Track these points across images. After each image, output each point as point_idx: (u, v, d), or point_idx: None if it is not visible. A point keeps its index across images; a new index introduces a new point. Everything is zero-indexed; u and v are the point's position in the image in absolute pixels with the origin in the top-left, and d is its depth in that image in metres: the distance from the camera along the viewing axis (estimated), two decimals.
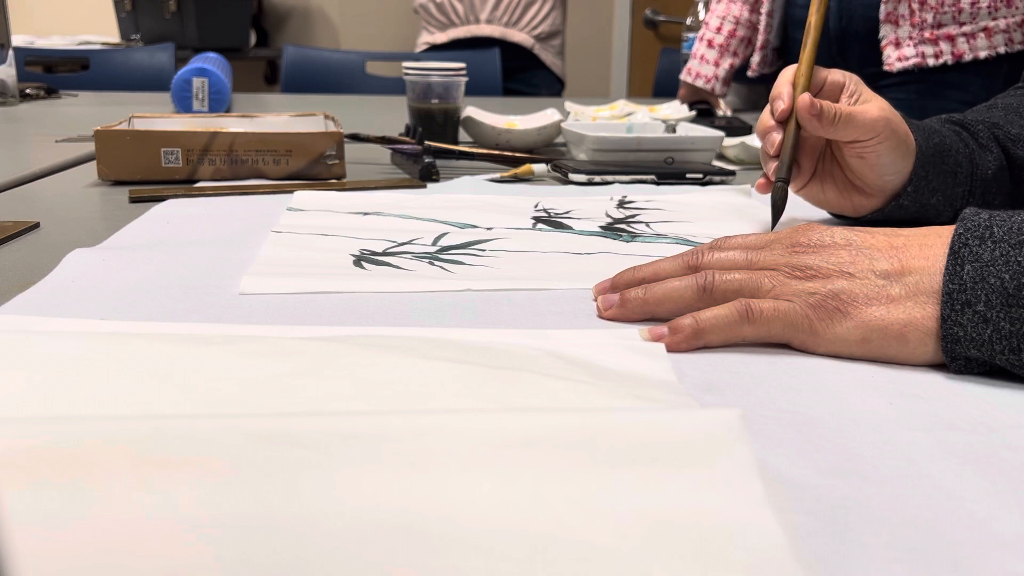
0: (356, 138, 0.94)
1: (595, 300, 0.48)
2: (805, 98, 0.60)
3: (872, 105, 0.61)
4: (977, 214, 0.40)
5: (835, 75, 0.64)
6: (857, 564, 0.25)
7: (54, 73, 2.51)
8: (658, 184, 0.86)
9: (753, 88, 1.83)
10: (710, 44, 1.49)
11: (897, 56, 1.24)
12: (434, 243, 0.61)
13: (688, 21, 1.63)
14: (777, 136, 0.62)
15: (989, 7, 1.18)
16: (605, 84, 3.59)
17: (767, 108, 0.64)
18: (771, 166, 0.63)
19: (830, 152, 0.65)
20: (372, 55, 2.32)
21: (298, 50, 2.25)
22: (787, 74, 0.64)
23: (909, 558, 0.25)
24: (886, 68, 1.25)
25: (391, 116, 1.38)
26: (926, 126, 0.65)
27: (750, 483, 0.27)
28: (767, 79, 1.54)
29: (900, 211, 0.64)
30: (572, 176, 0.85)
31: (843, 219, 0.68)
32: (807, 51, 0.64)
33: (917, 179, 0.62)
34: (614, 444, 0.28)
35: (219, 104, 1.30)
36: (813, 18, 0.67)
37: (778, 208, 0.63)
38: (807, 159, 0.65)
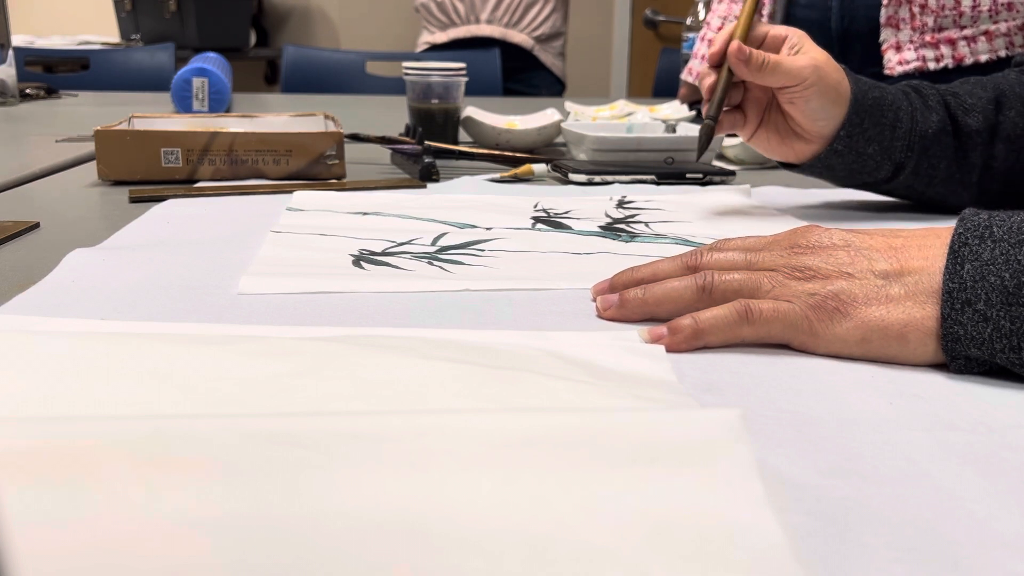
0: (356, 138, 0.94)
1: (594, 300, 0.48)
2: (735, 44, 0.66)
3: (804, 55, 0.66)
4: (976, 214, 0.40)
5: (778, 29, 0.69)
6: (857, 564, 0.25)
7: (54, 73, 2.51)
8: (658, 184, 0.86)
9: None
10: (711, 44, 1.49)
11: (898, 60, 1.24)
12: (433, 243, 0.61)
13: (688, 21, 1.63)
14: (710, 80, 0.68)
15: (990, 11, 1.18)
16: (605, 84, 3.59)
17: None
18: (705, 108, 0.69)
19: (775, 103, 0.70)
20: (372, 55, 2.32)
21: (298, 50, 2.25)
22: (728, 27, 0.69)
23: (909, 558, 0.25)
24: (887, 72, 1.25)
25: (391, 116, 1.38)
26: (868, 81, 0.69)
27: (750, 483, 0.27)
28: None
29: (837, 157, 0.69)
30: (572, 176, 0.85)
31: (789, 167, 0.73)
32: (746, 6, 0.70)
33: (851, 125, 0.67)
34: (614, 444, 0.28)
35: (219, 104, 1.30)
36: None
37: (703, 143, 0.69)
38: (753, 110, 0.70)
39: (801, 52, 0.67)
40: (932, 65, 1.22)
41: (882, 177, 0.70)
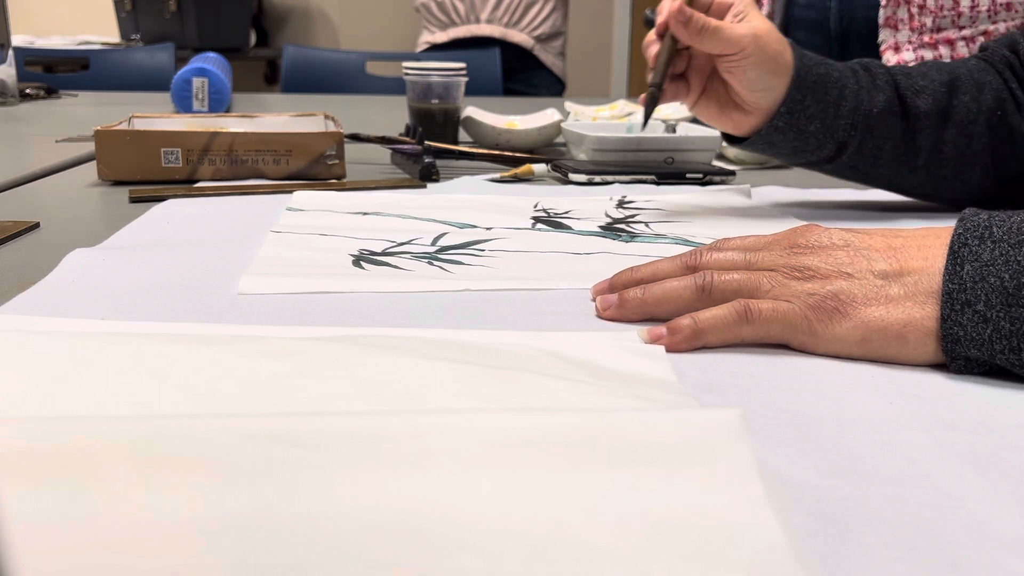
0: (356, 138, 0.94)
1: (593, 300, 0.48)
2: (676, 4, 0.65)
3: (745, 24, 0.65)
4: (976, 214, 0.40)
5: None
6: (857, 564, 0.25)
7: (54, 73, 2.51)
8: (658, 184, 0.86)
9: None
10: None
11: (896, 61, 1.24)
12: (433, 243, 0.61)
13: None
14: (654, 49, 0.68)
15: (989, 11, 1.18)
16: (605, 84, 3.59)
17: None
18: (649, 76, 0.68)
19: (717, 72, 0.68)
20: (372, 55, 2.32)
21: (298, 50, 2.25)
22: None
23: (909, 558, 0.25)
24: None
25: (391, 116, 1.38)
26: (815, 57, 0.68)
27: (750, 483, 0.27)
28: None
29: (778, 134, 0.68)
30: (572, 176, 0.85)
31: (733, 140, 0.72)
32: None
33: (791, 101, 0.66)
34: (614, 444, 0.28)
35: (219, 104, 1.30)
36: None
37: (648, 111, 0.69)
38: (696, 78, 0.69)
39: (746, 19, 0.66)
40: None
41: (825, 156, 0.69)
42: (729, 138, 0.72)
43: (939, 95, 0.69)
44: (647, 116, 0.69)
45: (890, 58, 1.24)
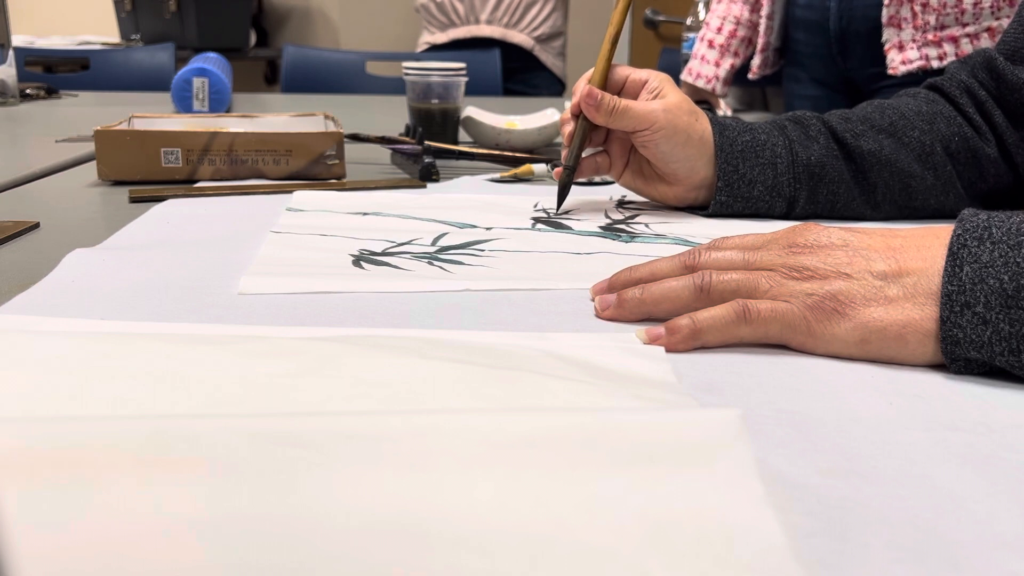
0: (356, 138, 0.94)
1: (593, 300, 0.48)
2: (586, 88, 0.67)
3: (658, 101, 0.67)
4: (975, 215, 0.40)
5: (639, 73, 0.69)
6: (857, 564, 0.25)
7: (54, 73, 2.51)
8: None
9: (754, 88, 1.83)
10: (711, 44, 1.49)
11: (901, 59, 1.24)
12: (433, 243, 0.61)
13: (688, 21, 1.63)
14: (569, 128, 0.70)
15: (992, 7, 1.18)
16: None
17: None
18: (564, 154, 0.71)
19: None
20: (372, 55, 2.32)
21: (298, 50, 2.25)
22: (587, 73, 0.70)
23: (909, 558, 0.25)
24: (890, 72, 1.25)
25: (391, 116, 1.38)
26: (738, 125, 0.69)
27: (750, 483, 0.27)
28: (768, 80, 1.54)
29: (724, 208, 0.70)
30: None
31: (693, 210, 0.73)
32: (604, 47, 0.69)
33: (725, 175, 0.68)
34: (614, 444, 0.28)
35: (219, 104, 1.30)
36: (615, 15, 0.70)
37: (562, 192, 0.70)
38: (618, 152, 0.72)
39: (661, 95, 0.68)
40: (935, 64, 1.22)
41: (778, 213, 0.70)
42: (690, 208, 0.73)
43: (881, 139, 0.69)
44: (561, 198, 0.70)
45: (894, 57, 1.24)
